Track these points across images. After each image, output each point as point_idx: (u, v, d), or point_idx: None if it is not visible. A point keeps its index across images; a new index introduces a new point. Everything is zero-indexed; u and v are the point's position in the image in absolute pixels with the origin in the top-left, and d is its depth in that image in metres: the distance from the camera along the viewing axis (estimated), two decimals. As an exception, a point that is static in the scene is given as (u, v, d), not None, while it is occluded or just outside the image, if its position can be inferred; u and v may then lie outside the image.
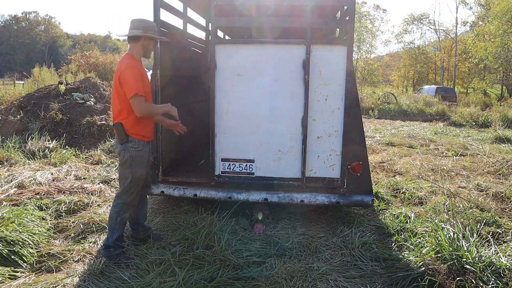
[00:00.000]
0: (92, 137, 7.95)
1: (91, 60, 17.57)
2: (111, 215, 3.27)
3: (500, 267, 2.88)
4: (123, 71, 3.04)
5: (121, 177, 3.28)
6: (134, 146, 3.17)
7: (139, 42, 3.20)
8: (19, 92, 11.75)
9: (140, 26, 3.17)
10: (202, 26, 5.97)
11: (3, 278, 2.89)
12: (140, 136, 3.20)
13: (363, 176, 3.82)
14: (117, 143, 3.23)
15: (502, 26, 25.23)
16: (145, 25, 3.19)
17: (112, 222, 3.25)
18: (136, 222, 3.55)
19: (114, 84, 3.14)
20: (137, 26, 3.17)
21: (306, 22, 3.63)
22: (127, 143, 3.16)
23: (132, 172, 3.20)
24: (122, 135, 3.15)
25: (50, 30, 68.36)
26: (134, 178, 3.22)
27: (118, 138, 3.18)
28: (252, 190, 3.90)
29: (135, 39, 3.19)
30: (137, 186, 3.28)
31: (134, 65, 3.09)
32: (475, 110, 16.55)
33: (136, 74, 3.05)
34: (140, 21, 3.20)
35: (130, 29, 3.20)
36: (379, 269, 3.19)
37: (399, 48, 49.95)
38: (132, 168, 3.20)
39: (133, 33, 3.15)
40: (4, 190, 4.81)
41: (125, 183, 3.23)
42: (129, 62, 3.09)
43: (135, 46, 3.21)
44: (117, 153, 3.27)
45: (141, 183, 3.31)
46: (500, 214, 4.43)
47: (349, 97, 3.69)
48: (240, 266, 3.12)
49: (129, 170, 3.20)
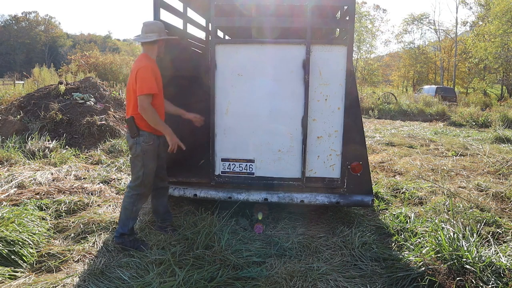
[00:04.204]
0: (92, 137, 7.95)
1: (91, 60, 17.60)
2: (126, 205, 3.44)
3: (500, 267, 2.88)
4: (140, 69, 3.22)
5: (133, 169, 3.44)
6: (146, 140, 3.33)
7: (156, 44, 3.41)
8: (19, 92, 11.75)
9: (156, 29, 3.37)
10: (202, 26, 5.97)
11: (3, 278, 2.89)
12: (151, 129, 3.34)
13: (363, 176, 3.82)
14: (128, 137, 3.39)
15: (502, 26, 25.24)
16: (160, 27, 3.40)
17: (127, 211, 3.44)
18: (155, 211, 3.84)
19: (131, 81, 3.31)
20: (153, 30, 3.36)
21: (306, 22, 3.63)
22: (138, 137, 3.32)
23: (144, 165, 3.37)
24: (134, 129, 3.31)
25: (50, 30, 68.36)
26: (146, 171, 3.39)
27: (130, 132, 3.34)
28: (252, 190, 3.90)
29: (152, 42, 3.37)
30: (150, 178, 3.46)
31: (150, 65, 3.27)
32: (475, 110, 16.56)
33: (151, 75, 3.23)
34: (155, 24, 3.40)
35: (145, 33, 3.37)
36: (379, 269, 3.19)
37: (399, 48, 50.01)
38: (144, 161, 3.36)
39: (152, 38, 3.34)
40: (4, 190, 4.81)
41: (137, 175, 3.40)
42: (146, 63, 3.28)
43: (151, 48, 3.41)
44: (129, 147, 3.42)
45: (153, 175, 3.48)
46: (500, 214, 4.43)
47: (349, 97, 3.69)
48: (240, 266, 3.12)
49: (141, 163, 3.36)
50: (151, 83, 3.21)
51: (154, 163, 3.43)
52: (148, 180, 3.44)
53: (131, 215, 3.45)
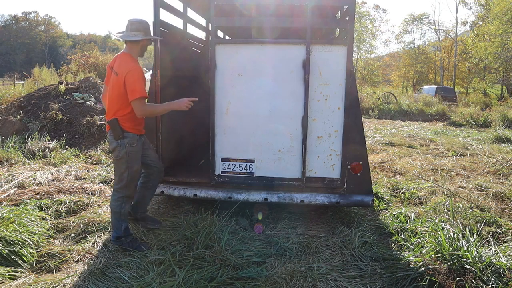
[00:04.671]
0: (92, 137, 7.95)
1: (91, 60, 17.60)
2: (114, 209, 3.40)
3: (500, 267, 2.88)
4: (129, 73, 3.12)
5: (117, 172, 3.38)
6: (130, 142, 3.28)
7: (140, 43, 3.31)
8: (19, 92, 11.75)
9: (141, 29, 3.27)
10: (202, 26, 5.97)
11: (3, 278, 2.89)
12: (136, 130, 3.32)
13: (363, 176, 3.82)
14: (111, 139, 3.30)
15: (502, 26, 25.24)
16: (145, 27, 3.30)
17: (116, 215, 3.40)
18: (137, 203, 3.76)
19: (115, 83, 3.20)
20: (138, 29, 3.26)
21: (306, 22, 3.63)
22: (123, 139, 3.26)
23: (128, 167, 3.32)
24: (118, 130, 3.24)
25: (50, 30, 68.34)
26: (131, 172, 3.35)
27: (113, 134, 3.26)
28: (252, 190, 3.90)
29: (137, 41, 3.28)
30: (135, 180, 3.44)
31: (138, 68, 3.19)
32: (475, 110, 16.55)
33: (141, 77, 3.16)
34: (141, 23, 3.28)
35: (130, 31, 3.26)
36: (379, 269, 3.19)
37: (399, 48, 50.03)
38: (128, 163, 3.31)
39: (138, 37, 3.25)
40: (4, 190, 4.81)
41: (121, 177, 3.35)
42: (134, 65, 3.19)
43: (135, 47, 3.31)
44: (112, 149, 3.35)
45: (138, 176, 3.47)
46: (500, 214, 4.43)
47: (349, 97, 3.69)
48: (240, 266, 3.12)
49: (126, 165, 3.31)
50: (142, 86, 3.15)
51: (138, 165, 3.40)
52: (133, 182, 3.41)
53: (121, 217, 3.40)
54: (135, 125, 3.30)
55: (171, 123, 4.32)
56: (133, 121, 3.28)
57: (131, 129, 3.28)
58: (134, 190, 3.49)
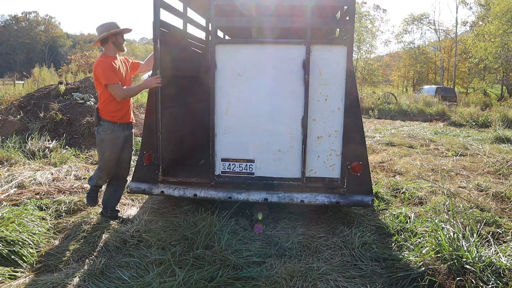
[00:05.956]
0: (92, 137, 7.94)
1: (91, 60, 17.59)
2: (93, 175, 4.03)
3: (500, 267, 2.88)
4: (95, 68, 3.69)
5: (98, 155, 3.99)
6: (104, 130, 3.77)
7: (109, 41, 3.77)
8: (19, 92, 11.74)
9: (104, 29, 3.73)
10: (202, 26, 5.97)
11: (3, 278, 2.89)
12: (112, 117, 3.76)
13: (363, 176, 3.82)
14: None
15: (502, 26, 25.23)
16: (107, 26, 3.74)
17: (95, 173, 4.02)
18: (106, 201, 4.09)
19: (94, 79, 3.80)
20: (102, 31, 3.74)
21: (306, 22, 3.63)
22: (99, 127, 3.79)
23: (102, 152, 3.84)
24: (96, 119, 3.80)
25: (50, 30, 68.36)
26: (104, 157, 3.84)
27: (95, 122, 3.87)
28: (252, 190, 3.90)
29: (105, 41, 3.77)
30: (108, 165, 3.89)
31: (104, 61, 3.66)
32: (475, 110, 16.55)
33: (106, 68, 3.62)
34: (102, 26, 3.76)
35: (99, 35, 3.75)
36: (379, 269, 3.19)
37: (399, 48, 49.98)
38: (101, 149, 3.82)
39: (102, 36, 3.72)
40: (4, 190, 4.81)
41: (99, 161, 3.92)
42: (99, 60, 3.69)
43: (107, 46, 3.79)
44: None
45: (111, 163, 3.89)
46: (500, 214, 4.43)
47: (349, 97, 3.69)
48: (240, 266, 3.12)
49: (100, 151, 3.85)
50: (108, 74, 3.61)
51: (111, 152, 3.82)
52: (106, 166, 3.88)
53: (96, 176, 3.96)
54: (111, 112, 3.75)
55: (171, 123, 4.32)
56: (108, 108, 3.74)
57: (107, 116, 3.75)
58: (107, 174, 3.95)
